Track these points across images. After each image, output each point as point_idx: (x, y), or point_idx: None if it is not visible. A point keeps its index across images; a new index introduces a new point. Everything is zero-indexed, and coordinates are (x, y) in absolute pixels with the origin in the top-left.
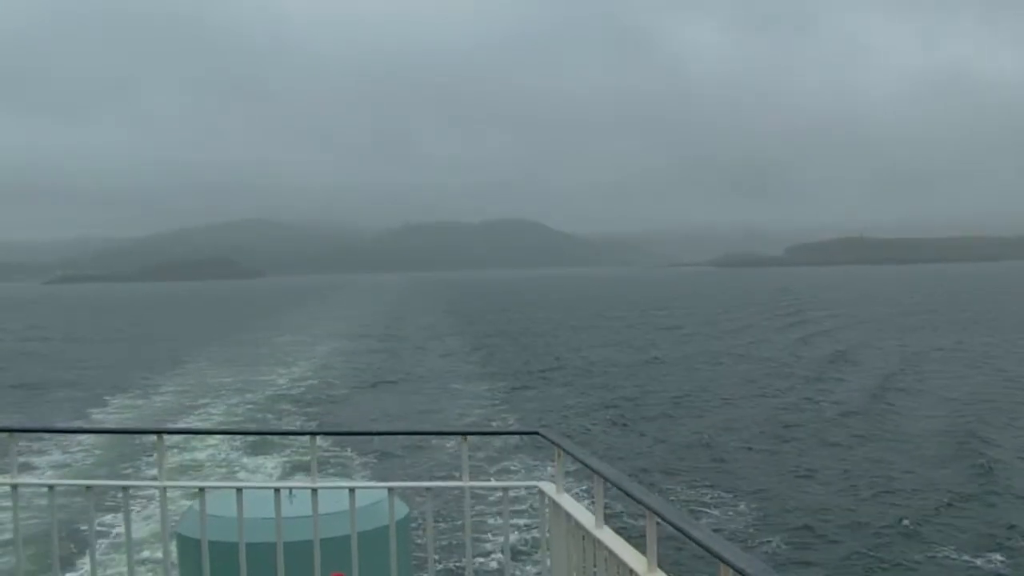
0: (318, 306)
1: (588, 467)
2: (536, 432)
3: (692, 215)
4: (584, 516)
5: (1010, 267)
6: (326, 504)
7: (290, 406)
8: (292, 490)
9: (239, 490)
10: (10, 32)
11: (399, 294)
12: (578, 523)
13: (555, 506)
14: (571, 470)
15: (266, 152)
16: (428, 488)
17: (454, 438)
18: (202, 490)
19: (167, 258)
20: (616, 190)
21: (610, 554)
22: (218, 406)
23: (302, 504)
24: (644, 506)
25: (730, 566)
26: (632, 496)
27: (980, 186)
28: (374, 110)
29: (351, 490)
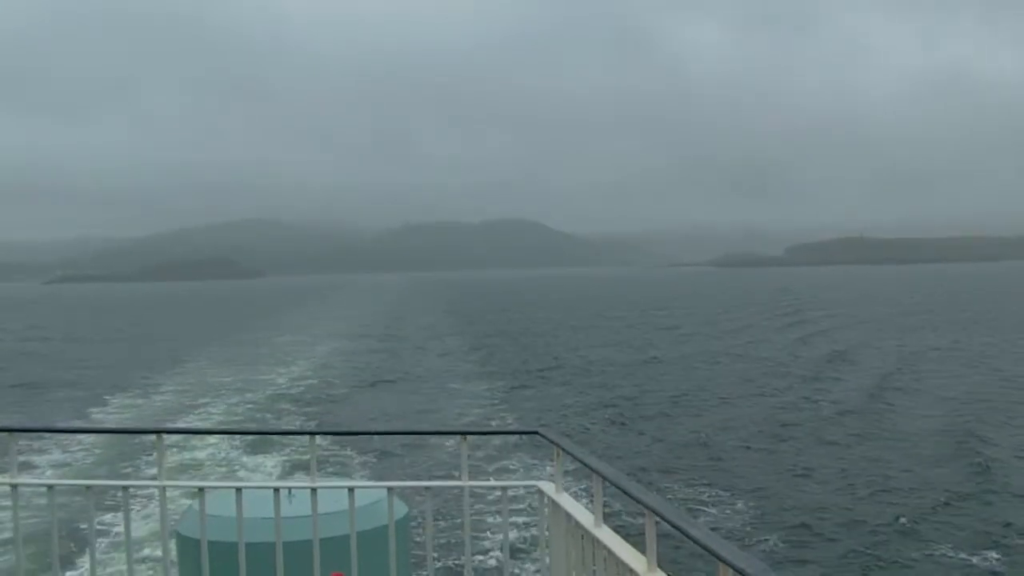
0: (318, 306)
1: (587, 466)
2: (535, 432)
3: (692, 215)
4: (583, 515)
5: (1010, 267)
6: (325, 504)
7: (290, 406)
8: (291, 490)
9: (238, 490)
10: (10, 32)
11: (399, 294)
12: (577, 522)
13: (554, 505)
14: (570, 469)
15: (266, 152)
16: (427, 488)
17: (453, 437)
18: (202, 490)
19: (167, 258)
20: (616, 190)
21: (609, 553)
22: (218, 406)
23: (301, 504)
24: (643, 505)
25: (729, 565)
26: (631, 495)
27: (980, 186)
28: (374, 110)
29: (350, 490)
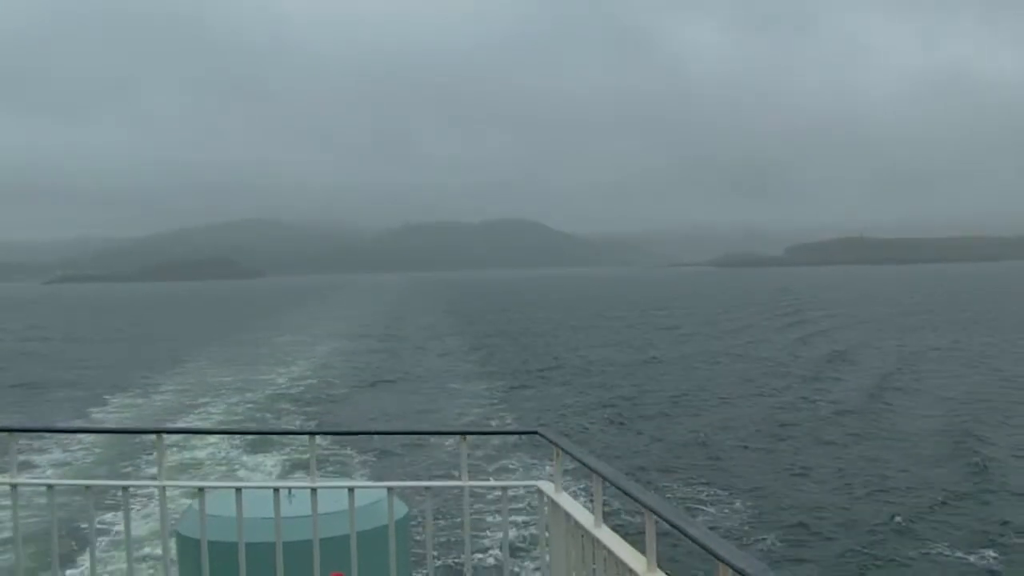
0: (318, 306)
1: (587, 466)
2: (535, 431)
3: (692, 215)
4: (583, 515)
5: (1010, 267)
6: (325, 504)
7: (289, 405)
8: (291, 490)
9: (238, 490)
10: (10, 32)
11: (399, 294)
12: (577, 522)
13: (554, 505)
14: (569, 469)
15: (266, 152)
16: (427, 487)
17: (453, 437)
18: (202, 490)
19: (167, 258)
20: (616, 190)
21: (609, 553)
22: (218, 405)
23: (301, 504)
24: (642, 505)
25: (728, 564)
26: (630, 495)
27: (980, 186)
28: (374, 110)
29: (350, 490)
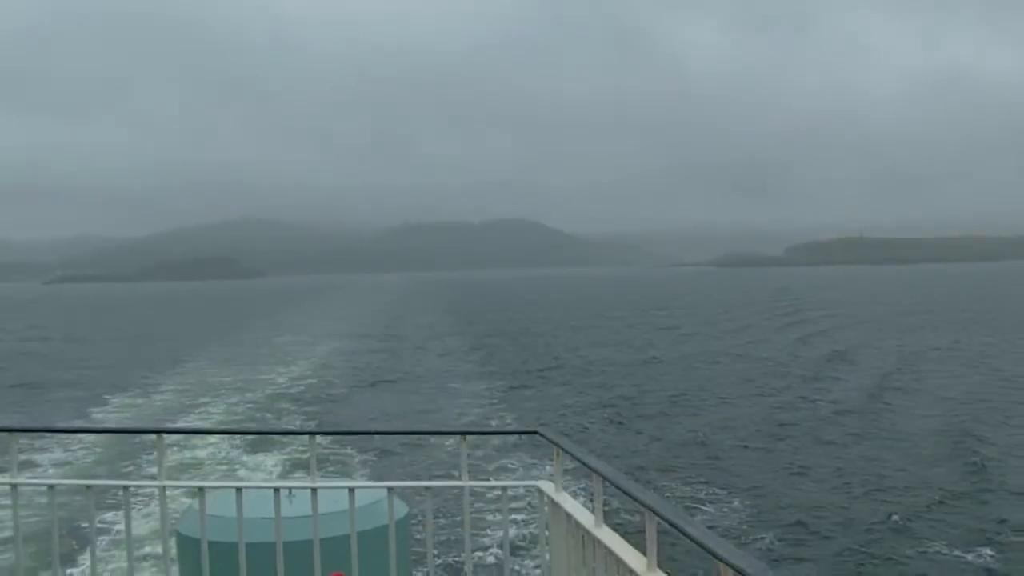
0: (318, 306)
1: (587, 466)
2: (535, 431)
3: (692, 215)
4: (583, 515)
5: (1010, 267)
6: (326, 504)
7: (290, 405)
8: (292, 490)
9: (239, 489)
10: (10, 32)
11: (399, 294)
12: (577, 522)
13: (554, 505)
14: (569, 468)
15: (266, 152)
16: (427, 487)
17: (453, 437)
18: (202, 489)
19: (167, 258)
20: (616, 190)
21: (609, 553)
22: (218, 405)
23: (302, 504)
24: (642, 504)
25: (727, 564)
26: (630, 495)
27: (980, 186)
28: (374, 110)
29: (351, 490)
